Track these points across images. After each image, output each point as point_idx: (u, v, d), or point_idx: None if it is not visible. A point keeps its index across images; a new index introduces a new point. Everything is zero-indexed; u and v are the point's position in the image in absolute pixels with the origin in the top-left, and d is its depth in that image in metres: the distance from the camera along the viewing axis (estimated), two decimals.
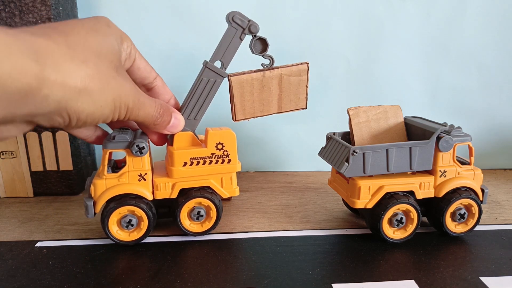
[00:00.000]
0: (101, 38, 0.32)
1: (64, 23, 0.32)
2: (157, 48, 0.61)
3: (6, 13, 0.50)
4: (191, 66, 0.62)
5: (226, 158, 0.44)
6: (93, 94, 0.30)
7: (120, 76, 0.33)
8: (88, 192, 0.42)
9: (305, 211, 0.53)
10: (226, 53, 0.44)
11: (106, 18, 0.35)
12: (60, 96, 0.28)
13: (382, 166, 0.43)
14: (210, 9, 0.60)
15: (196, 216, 0.44)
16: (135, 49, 0.38)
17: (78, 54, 0.29)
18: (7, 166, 0.55)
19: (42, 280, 0.37)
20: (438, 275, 0.38)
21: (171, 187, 0.44)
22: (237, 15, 0.43)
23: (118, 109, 0.33)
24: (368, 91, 0.66)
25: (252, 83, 0.45)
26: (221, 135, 0.44)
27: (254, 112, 0.47)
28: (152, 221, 0.43)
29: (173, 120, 0.40)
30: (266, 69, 0.45)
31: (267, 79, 0.45)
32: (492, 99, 0.68)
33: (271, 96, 0.46)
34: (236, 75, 0.44)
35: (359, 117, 0.46)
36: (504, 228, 0.48)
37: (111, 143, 0.40)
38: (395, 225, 0.43)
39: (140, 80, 0.40)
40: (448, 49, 0.65)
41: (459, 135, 0.44)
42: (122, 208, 0.41)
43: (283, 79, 0.46)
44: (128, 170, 0.42)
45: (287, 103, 0.47)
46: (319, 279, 0.37)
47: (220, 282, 0.36)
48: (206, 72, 0.44)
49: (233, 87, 0.44)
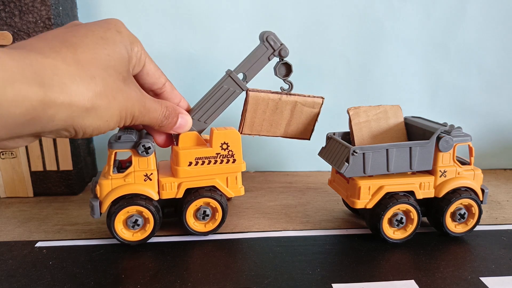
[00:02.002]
0: (110, 48, 0.32)
1: (76, 30, 0.31)
2: (157, 48, 0.61)
3: (6, 13, 0.50)
4: (191, 66, 0.63)
5: (231, 158, 0.44)
6: (100, 110, 0.30)
7: (127, 87, 0.33)
8: (94, 192, 0.42)
9: (305, 211, 0.53)
10: (251, 68, 0.45)
11: (118, 22, 0.35)
12: (66, 116, 0.28)
13: (382, 166, 0.43)
14: (210, 9, 0.60)
15: (202, 215, 0.44)
16: (145, 54, 0.37)
17: (87, 70, 0.29)
18: (7, 166, 0.55)
19: (42, 280, 0.37)
20: (438, 275, 0.38)
21: (177, 187, 0.44)
22: (272, 36, 0.44)
23: (123, 119, 0.34)
24: (368, 91, 0.66)
25: (268, 103, 0.46)
26: (226, 135, 0.44)
27: (261, 130, 0.48)
28: (158, 224, 0.43)
29: (180, 120, 0.41)
30: (283, 93, 0.46)
31: (282, 102, 0.47)
32: (492, 99, 0.68)
33: (281, 120, 0.48)
34: (255, 91, 0.45)
35: (359, 117, 0.46)
36: (504, 228, 0.48)
37: (117, 143, 0.40)
38: (395, 225, 0.43)
39: (148, 85, 0.39)
40: (448, 49, 0.65)
41: (459, 135, 0.44)
42: (131, 207, 0.42)
43: (296, 106, 0.47)
44: (134, 170, 0.42)
45: (294, 130, 0.49)
46: (319, 279, 0.37)
47: (220, 282, 0.36)
48: (228, 81, 0.45)
49: (249, 101, 0.46)
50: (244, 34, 0.61)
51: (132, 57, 0.35)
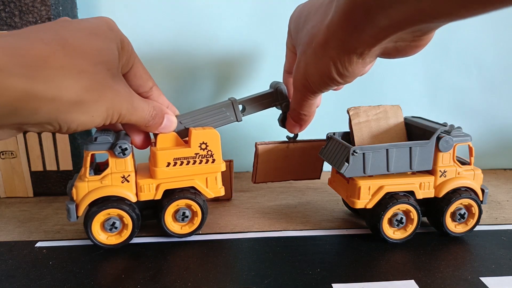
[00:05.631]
0: (101, 44, 0.32)
1: (66, 25, 0.31)
2: (157, 48, 0.61)
3: (6, 13, 0.50)
4: (191, 66, 0.63)
5: (210, 158, 0.44)
6: (86, 105, 0.30)
7: (116, 84, 0.33)
8: (70, 195, 0.42)
9: (305, 211, 0.53)
10: (253, 106, 0.47)
11: (109, 20, 0.34)
12: (51, 109, 0.27)
13: (382, 166, 0.43)
14: (210, 9, 0.60)
15: (181, 217, 0.44)
16: (135, 55, 0.37)
17: (75, 64, 0.29)
18: (7, 166, 0.55)
19: (42, 280, 0.37)
20: (438, 275, 0.38)
21: (155, 188, 0.43)
22: (283, 89, 0.47)
23: (110, 117, 0.33)
24: (368, 91, 0.66)
25: (277, 153, 0.49)
26: (205, 135, 0.43)
27: (274, 177, 0.51)
28: (137, 222, 0.42)
29: (165, 121, 0.40)
30: (290, 142, 0.49)
31: (290, 150, 0.50)
32: (492, 99, 0.68)
33: (292, 165, 0.51)
34: (263, 144, 0.48)
35: (359, 117, 0.46)
36: (504, 228, 0.48)
37: (93, 145, 0.40)
38: (395, 225, 0.43)
39: (135, 87, 0.39)
40: (448, 49, 0.65)
41: (459, 135, 0.44)
42: (104, 211, 0.41)
43: (305, 152, 0.50)
44: (111, 172, 0.41)
45: (305, 172, 0.52)
46: (319, 279, 0.37)
47: (220, 282, 0.36)
48: (228, 106, 0.46)
49: (259, 154, 0.48)
50: (244, 34, 0.61)
51: (122, 55, 0.34)
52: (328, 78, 0.33)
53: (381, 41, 0.28)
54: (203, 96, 0.63)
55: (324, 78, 0.34)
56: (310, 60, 0.34)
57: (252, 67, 0.63)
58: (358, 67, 0.32)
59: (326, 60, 0.32)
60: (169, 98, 0.44)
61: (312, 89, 0.37)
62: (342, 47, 0.30)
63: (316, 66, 0.34)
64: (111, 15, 0.38)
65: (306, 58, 0.35)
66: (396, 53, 0.30)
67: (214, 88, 0.64)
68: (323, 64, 0.33)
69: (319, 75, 0.34)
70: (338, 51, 0.31)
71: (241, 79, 0.64)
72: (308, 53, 0.35)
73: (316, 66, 0.34)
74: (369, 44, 0.28)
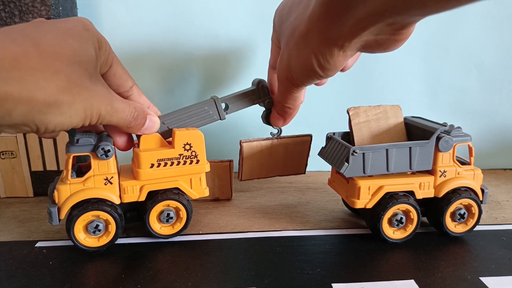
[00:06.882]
0: (76, 44, 0.31)
1: (40, 25, 0.31)
2: (157, 48, 0.61)
3: (6, 13, 0.50)
4: (191, 66, 0.63)
5: (194, 159, 0.43)
6: (63, 106, 0.29)
7: (93, 84, 0.32)
8: (52, 198, 0.41)
9: (305, 211, 0.53)
10: (235, 104, 0.47)
11: (85, 20, 0.34)
12: (25, 111, 0.27)
13: (382, 166, 0.43)
14: (210, 9, 0.60)
15: (166, 218, 0.44)
16: (113, 54, 0.37)
17: (50, 64, 0.28)
18: (7, 166, 0.55)
19: (42, 280, 0.37)
20: (438, 275, 0.38)
21: (139, 189, 0.42)
22: (265, 85, 0.47)
23: (89, 117, 0.32)
24: (368, 91, 0.66)
25: (262, 150, 0.49)
26: (189, 136, 0.43)
27: (260, 174, 0.51)
28: (120, 223, 0.42)
29: (147, 122, 0.40)
30: (274, 138, 0.50)
31: (274, 147, 0.50)
32: (492, 99, 0.68)
33: (277, 162, 0.51)
34: (247, 142, 0.48)
35: (359, 117, 0.46)
36: (504, 228, 0.48)
37: (75, 147, 0.39)
38: (395, 225, 0.43)
39: (115, 87, 0.38)
40: (448, 49, 0.65)
41: (459, 135, 0.44)
42: (86, 214, 0.40)
43: (288, 148, 0.50)
44: (93, 174, 0.40)
45: (290, 168, 0.52)
46: (319, 279, 0.37)
47: (220, 282, 0.36)
48: (211, 105, 0.46)
49: (243, 152, 0.48)
50: (244, 34, 0.61)
51: (100, 55, 0.34)
52: (310, 70, 0.33)
53: (360, 33, 0.28)
54: (204, 97, 0.63)
55: (306, 71, 0.34)
56: (292, 52, 0.34)
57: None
58: (340, 60, 0.32)
59: (307, 52, 0.32)
60: (167, 98, 0.44)
61: (295, 81, 0.37)
62: (322, 39, 0.30)
63: (298, 58, 0.34)
64: (111, 15, 0.38)
65: (289, 50, 0.35)
66: (377, 46, 0.30)
67: (214, 88, 0.64)
68: (304, 56, 0.33)
69: (301, 68, 0.34)
70: (319, 42, 0.31)
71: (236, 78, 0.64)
72: (290, 45, 0.34)
73: (298, 58, 0.34)
74: (349, 35, 0.29)
